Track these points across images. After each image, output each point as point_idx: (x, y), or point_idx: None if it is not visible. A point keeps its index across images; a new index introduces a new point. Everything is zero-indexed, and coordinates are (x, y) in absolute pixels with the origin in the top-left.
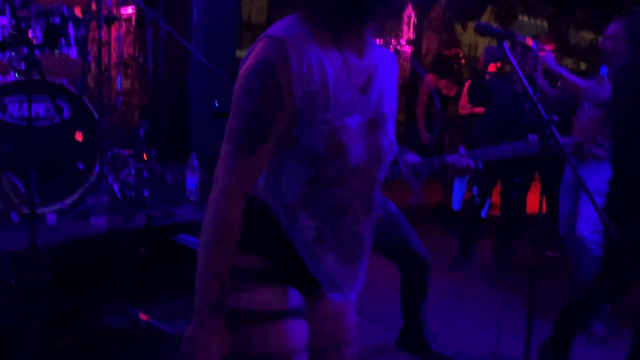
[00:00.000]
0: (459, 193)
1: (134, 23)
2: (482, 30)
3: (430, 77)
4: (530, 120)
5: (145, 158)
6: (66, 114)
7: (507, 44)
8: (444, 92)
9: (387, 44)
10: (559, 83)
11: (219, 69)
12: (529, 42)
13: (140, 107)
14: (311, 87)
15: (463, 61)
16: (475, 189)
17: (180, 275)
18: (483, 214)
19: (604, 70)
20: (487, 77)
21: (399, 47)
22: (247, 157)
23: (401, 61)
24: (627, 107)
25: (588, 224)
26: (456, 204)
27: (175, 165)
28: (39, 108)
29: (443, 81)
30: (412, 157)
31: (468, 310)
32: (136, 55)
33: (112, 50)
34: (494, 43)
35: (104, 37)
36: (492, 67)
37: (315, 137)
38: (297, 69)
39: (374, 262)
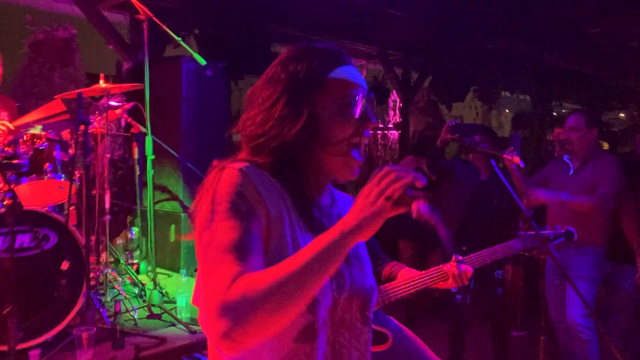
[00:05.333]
0: None
1: (123, 124)
2: (469, 145)
3: (409, 158)
4: (499, 211)
5: (135, 269)
6: (52, 242)
7: (494, 161)
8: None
9: (375, 128)
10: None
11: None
12: (516, 160)
13: (130, 212)
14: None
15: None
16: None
17: None
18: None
19: (566, 157)
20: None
21: (386, 131)
22: None
23: (389, 144)
24: None
25: (578, 309)
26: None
27: (166, 272)
28: (24, 238)
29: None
30: (410, 272)
31: None
32: (126, 156)
33: (100, 167)
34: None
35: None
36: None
37: None
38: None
39: None
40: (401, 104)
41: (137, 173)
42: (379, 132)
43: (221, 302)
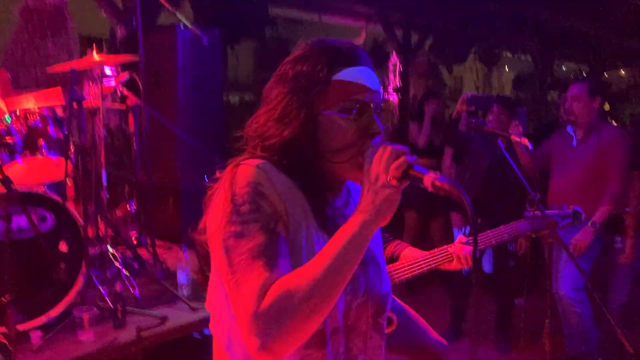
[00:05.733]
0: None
1: (119, 94)
2: (475, 129)
3: (413, 128)
4: (515, 184)
5: (135, 242)
6: (49, 222)
7: (501, 142)
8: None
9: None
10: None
11: (205, 145)
12: (524, 141)
13: (129, 184)
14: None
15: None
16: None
17: None
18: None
19: (570, 128)
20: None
21: (386, 96)
22: None
23: (390, 108)
24: None
25: (569, 283)
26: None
27: (165, 245)
28: (21, 220)
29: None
30: (413, 252)
31: None
32: (123, 125)
33: (96, 142)
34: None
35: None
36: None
37: None
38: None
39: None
40: (401, 67)
41: (134, 145)
42: None
43: (255, 315)
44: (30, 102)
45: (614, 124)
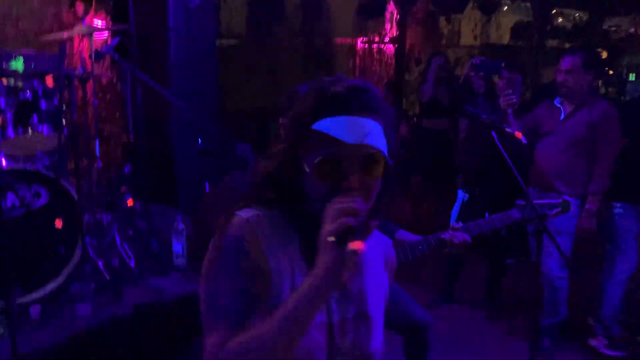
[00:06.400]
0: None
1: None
2: (471, 114)
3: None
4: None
5: (131, 204)
6: (44, 198)
7: (495, 133)
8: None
9: (370, 42)
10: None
11: (199, 107)
12: (518, 135)
13: (122, 146)
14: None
15: None
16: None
17: None
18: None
19: (557, 101)
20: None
21: (382, 45)
22: None
23: (385, 59)
24: None
25: (553, 258)
26: None
27: (160, 208)
28: (15, 197)
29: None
30: (406, 235)
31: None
32: (115, 81)
33: (88, 113)
34: None
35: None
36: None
37: None
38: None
39: None
40: (398, 16)
41: (127, 111)
42: (374, 45)
43: None
44: (18, 59)
45: (611, 73)
